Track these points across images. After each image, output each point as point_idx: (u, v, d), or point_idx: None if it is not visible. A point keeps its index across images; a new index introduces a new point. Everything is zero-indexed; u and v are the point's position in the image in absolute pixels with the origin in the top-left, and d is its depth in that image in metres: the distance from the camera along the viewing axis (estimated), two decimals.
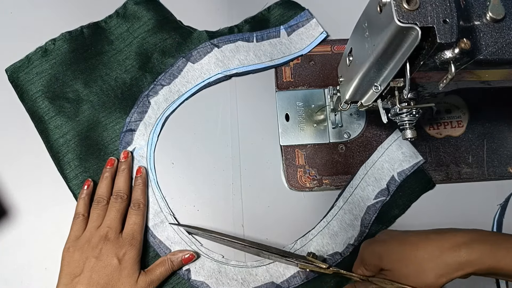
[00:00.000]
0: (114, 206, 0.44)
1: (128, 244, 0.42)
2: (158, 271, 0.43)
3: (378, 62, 0.32)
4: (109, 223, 0.43)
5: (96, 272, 0.40)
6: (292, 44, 0.51)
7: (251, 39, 0.51)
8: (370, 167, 0.48)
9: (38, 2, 0.53)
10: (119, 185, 0.45)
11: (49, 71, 0.49)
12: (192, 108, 0.50)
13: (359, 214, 0.46)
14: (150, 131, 0.48)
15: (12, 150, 0.49)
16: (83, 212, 0.44)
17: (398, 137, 0.48)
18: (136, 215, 0.44)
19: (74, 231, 0.43)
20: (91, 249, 0.41)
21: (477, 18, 0.30)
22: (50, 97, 0.48)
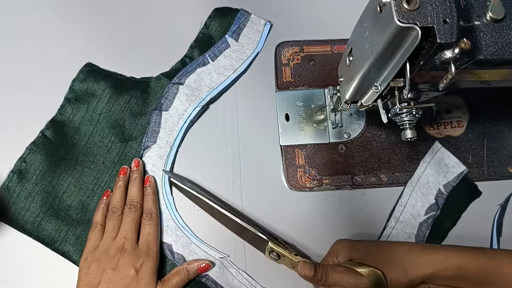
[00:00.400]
0: (129, 216, 0.44)
1: (145, 255, 0.42)
2: (174, 280, 0.43)
3: (378, 62, 0.32)
4: (125, 234, 0.43)
5: (113, 284, 0.40)
6: (244, 47, 0.51)
7: (207, 61, 0.50)
8: (415, 183, 0.47)
9: (38, 2, 0.53)
10: (132, 194, 0.45)
11: (36, 189, 0.46)
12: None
13: (413, 232, 0.46)
14: (161, 193, 0.47)
15: (12, 150, 0.48)
16: (101, 221, 0.44)
17: (438, 149, 0.48)
18: (150, 225, 0.44)
19: (92, 241, 0.43)
20: (109, 260, 0.41)
21: (477, 18, 0.30)
22: (53, 214, 0.46)
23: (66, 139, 0.48)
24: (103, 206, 0.45)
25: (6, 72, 0.51)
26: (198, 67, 0.50)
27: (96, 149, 0.48)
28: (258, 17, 0.52)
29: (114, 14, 0.54)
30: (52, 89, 0.50)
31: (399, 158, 0.49)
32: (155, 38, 0.52)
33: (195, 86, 0.49)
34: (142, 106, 0.49)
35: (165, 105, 0.49)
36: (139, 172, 0.47)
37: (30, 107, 0.50)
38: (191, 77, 0.50)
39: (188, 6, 0.53)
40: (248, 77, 0.52)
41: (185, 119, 0.49)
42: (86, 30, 0.53)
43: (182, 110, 0.49)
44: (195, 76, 0.50)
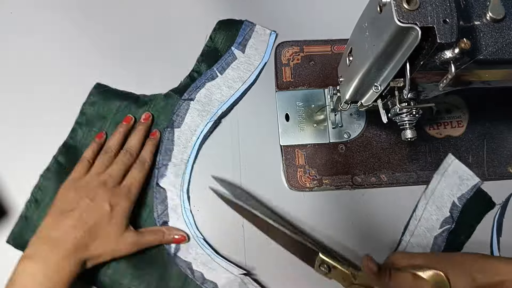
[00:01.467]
0: (121, 159, 0.44)
1: (124, 195, 0.42)
2: (148, 236, 0.43)
3: (378, 62, 0.32)
4: (111, 172, 0.43)
5: (86, 213, 0.40)
6: (251, 58, 0.51)
7: (215, 75, 0.50)
8: (430, 196, 0.47)
9: (38, 2, 0.53)
10: (132, 142, 0.46)
11: None
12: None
13: (428, 245, 0.45)
14: (181, 212, 0.47)
15: (12, 150, 0.49)
16: (89, 158, 0.45)
17: (452, 161, 0.47)
18: (139, 171, 0.44)
19: (75, 172, 0.44)
20: (88, 191, 0.41)
21: (477, 18, 0.30)
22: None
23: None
24: (94, 145, 0.46)
25: (6, 72, 0.51)
26: (207, 82, 0.50)
27: None
28: (263, 28, 0.52)
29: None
30: (52, 89, 0.51)
31: (399, 158, 0.49)
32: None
33: (206, 101, 0.49)
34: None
35: (177, 122, 0.48)
36: (146, 125, 0.47)
37: (29, 108, 0.50)
38: (201, 92, 0.49)
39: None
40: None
41: (198, 135, 0.48)
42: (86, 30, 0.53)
43: (194, 126, 0.48)
44: (205, 91, 0.49)
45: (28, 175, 0.48)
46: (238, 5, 0.54)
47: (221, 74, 0.50)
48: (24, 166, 0.48)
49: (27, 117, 0.50)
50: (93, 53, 0.52)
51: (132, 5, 0.54)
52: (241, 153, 0.49)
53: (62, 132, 0.49)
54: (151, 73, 0.52)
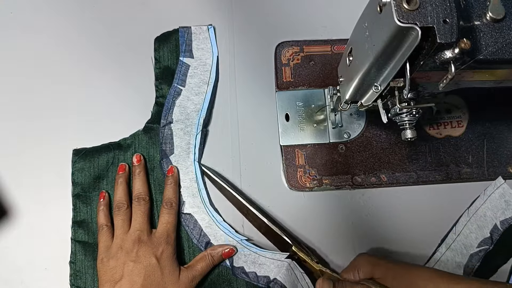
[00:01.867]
0: (139, 209, 0.44)
1: (164, 242, 0.42)
2: (199, 266, 0.43)
3: (378, 62, 0.32)
4: (138, 226, 0.42)
5: (136, 275, 0.40)
6: (203, 58, 0.51)
7: (179, 90, 0.49)
8: (472, 214, 0.46)
9: (38, 2, 0.53)
10: (138, 187, 0.45)
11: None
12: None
13: (462, 261, 0.45)
14: (216, 226, 0.46)
15: (12, 150, 0.49)
16: (105, 222, 0.44)
17: (501, 184, 0.47)
18: (169, 214, 0.44)
19: (103, 242, 0.43)
20: (126, 254, 0.41)
21: (477, 18, 0.30)
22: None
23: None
24: (103, 207, 0.45)
25: (6, 72, 0.51)
26: (175, 99, 0.49)
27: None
28: (198, 26, 0.51)
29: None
30: (52, 89, 0.51)
31: (399, 158, 0.49)
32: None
33: (184, 117, 0.49)
34: (149, 161, 0.48)
35: (168, 149, 0.48)
36: (142, 167, 0.47)
37: (29, 107, 0.50)
38: (175, 111, 0.49)
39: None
40: (248, 77, 0.52)
41: (193, 151, 0.48)
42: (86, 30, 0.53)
43: (186, 145, 0.48)
44: (178, 109, 0.49)
45: (28, 175, 0.48)
46: (238, 5, 0.54)
47: (184, 86, 0.49)
48: (24, 166, 0.48)
49: (27, 117, 0.50)
50: (94, 52, 0.52)
51: (132, 6, 0.54)
52: (241, 153, 0.49)
53: (62, 132, 0.49)
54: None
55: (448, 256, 0.45)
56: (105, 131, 0.49)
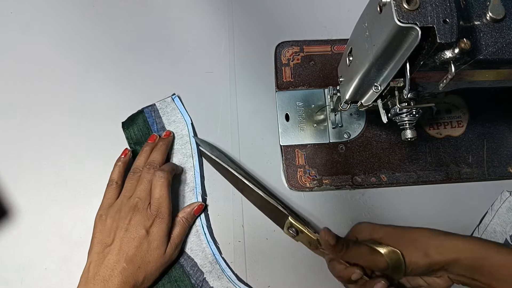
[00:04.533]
0: (146, 176, 0.44)
1: (156, 216, 0.42)
2: (176, 231, 0.44)
3: (378, 62, 0.31)
4: (139, 193, 0.43)
5: (125, 243, 0.40)
6: (178, 131, 0.49)
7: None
8: (483, 231, 0.46)
9: (38, 2, 0.53)
10: (154, 156, 0.46)
11: None
12: (192, 108, 0.50)
13: None
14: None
15: (12, 150, 0.49)
16: (116, 179, 0.45)
17: (506, 198, 0.46)
18: (161, 186, 0.43)
19: (107, 199, 0.44)
20: (122, 218, 0.42)
21: (477, 18, 0.30)
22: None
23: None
24: (120, 163, 0.46)
25: (5, 72, 0.51)
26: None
27: None
28: (162, 100, 0.50)
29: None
30: (52, 89, 0.51)
31: (399, 158, 0.49)
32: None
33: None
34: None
35: None
36: (167, 141, 0.47)
37: (29, 107, 0.50)
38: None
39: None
40: (248, 77, 0.52)
41: (201, 231, 0.46)
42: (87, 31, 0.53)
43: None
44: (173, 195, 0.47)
45: (28, 175, 0.48)
46: (238, 5, 0.54)
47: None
48: (24, 166, 0.48)
49: (27, 116, 0.50)
50: (93, 53, 0.52)
51: (132, 6, 0.54)
52: (241, 153, 0.49)
53: (62, 131, 0.49)
54: (152, 76, 0.52)
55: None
56: (105, 131, 0.49)
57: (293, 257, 0.46)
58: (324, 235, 0.38)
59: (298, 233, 0.43)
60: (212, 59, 0.52)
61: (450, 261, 0.37)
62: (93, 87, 0.51)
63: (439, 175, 0.48)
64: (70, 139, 0.49)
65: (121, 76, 0.51)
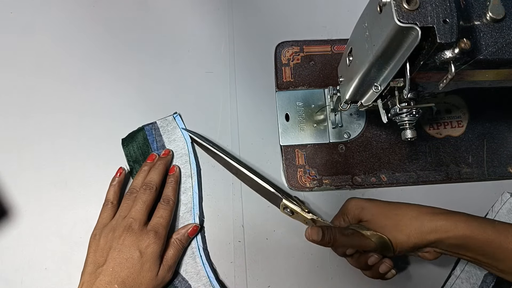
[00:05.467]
0: (141, 197, 0.43)
1: (153, 236, 0.42)
2: (170, 253, 0.43)
3: (378, 62, 0.32)
4: (134, 214, 0.42)
5: (118, 265, 0.40)
6: (177, 150, 0.49)
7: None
8: None
9: (38, 2, 0.53)
10: (151, 176, 0.45)
11: None
12: (192, 108, 0.50)
13: (476, 283, 0.44)
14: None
15: (12, 150, 0.49)
16: (112, 199, 0.45)
17: (507, 199, 0.46)
18: (164, 209, 0.44)
19: (102, 218, 0.44)
20: (115, 238, 0.41)
21: (477, 18, 0.30)
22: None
23: None
24: (115, 184, 0.46)
25: (5, 72, 0.51)
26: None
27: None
28: (163, 118, 0.49)
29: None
30: (52, 89, 0.51)
31: (399, 158, 0.49)
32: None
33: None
34: None
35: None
36: (165, 160, 0.47)
37: (29, 107, 0.50)
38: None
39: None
40: (248, 77, 0.52)
41: (197, 253, 0.46)
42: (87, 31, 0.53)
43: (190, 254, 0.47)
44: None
45: (28, 175, 0.48)
46: (237, 5, 0.54)
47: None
48: (24, 166, 0.48)
49: (27, 117, 0.50)
50: (93, 53, 0.52)
51: (132, 7, 0.54)
52: (241, 153, 0.49)
53: (62, 131, 0.49)
54: (152, 76, 0.52)
55: (462, 278, 0.45)
56: (105, 131, 0.49)
57: (293, 257, 0.46)
58: (308, 236, 0.39)
59: (293, 213, 0.44)
60: (212, 59, 0.52)
61: (433, 241, 0.37)
62: (93, 86, 0.51)
63: (439, 175, 0.48)
64: (70, 139, 0.49)
65: (121, 76, 0.51)
